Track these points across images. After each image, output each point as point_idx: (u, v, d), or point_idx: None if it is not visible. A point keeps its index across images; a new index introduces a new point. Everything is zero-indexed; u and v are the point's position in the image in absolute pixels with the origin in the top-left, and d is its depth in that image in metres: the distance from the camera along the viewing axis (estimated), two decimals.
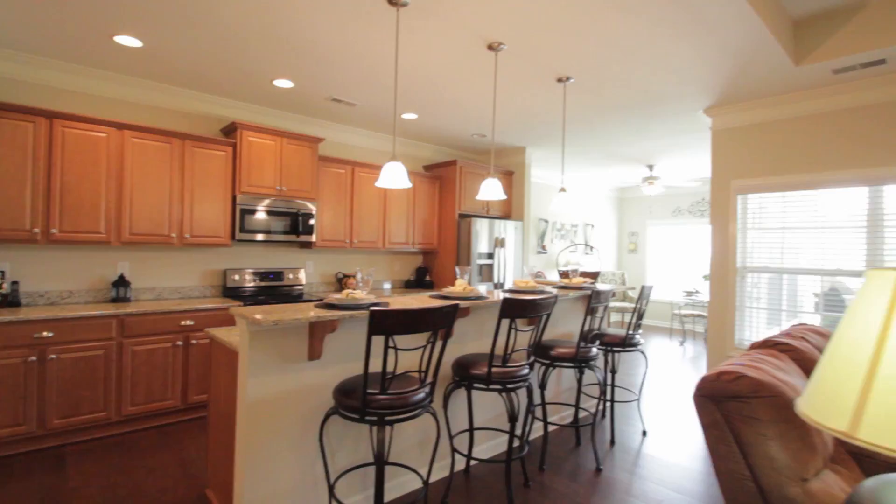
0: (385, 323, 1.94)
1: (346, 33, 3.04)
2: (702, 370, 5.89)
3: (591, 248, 8.55)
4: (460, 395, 3.06)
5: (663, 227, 9.09)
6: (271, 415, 2.21)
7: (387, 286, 5.67)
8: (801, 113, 3.96)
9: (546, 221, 7.88)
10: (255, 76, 3.82)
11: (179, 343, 3.67)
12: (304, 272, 4.98)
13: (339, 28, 2.97)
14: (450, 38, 3.07)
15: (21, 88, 3.55)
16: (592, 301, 3.05)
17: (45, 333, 3.14)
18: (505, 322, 3.35)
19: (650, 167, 6.89)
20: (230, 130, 4.31)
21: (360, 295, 2.41)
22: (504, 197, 3.25)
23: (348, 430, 2.49)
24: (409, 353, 2.70)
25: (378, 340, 2.56)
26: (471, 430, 2.97)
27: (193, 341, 3.73)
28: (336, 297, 2.39)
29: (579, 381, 3.33)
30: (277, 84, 3.98)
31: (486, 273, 5.64)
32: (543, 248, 7.71)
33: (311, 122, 5.02)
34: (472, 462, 3.12)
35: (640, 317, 3.55)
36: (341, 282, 5.21)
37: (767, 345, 2.29)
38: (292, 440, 2.28)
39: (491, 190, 3.22)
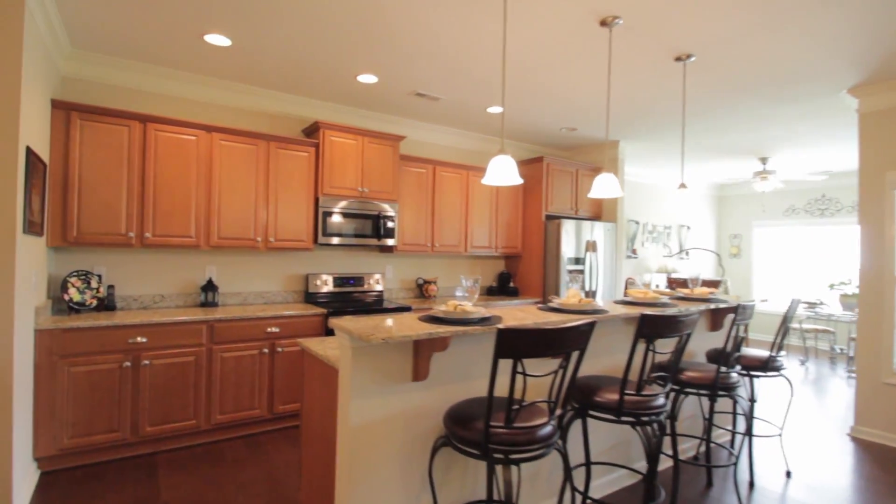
0: (516, 344, 1.59)
1: (439, 18, 2.75)
2: (836, 395, 5.06)
3: (687, 252, 7.81)
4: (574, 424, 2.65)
5: (773, 229, 8.11)
6: (374, 441, 1.93)
7: (465, 293, 5.34)
8: None
9: (637, 223, 7.24)
10: (340, 72, 3.64)
11: (266, 351, 3.54)
12: (384, 277, 4.76)
13: (430, 14, 2.68)
14: (559, 12, 2.69)
15: (114, 93, 3.58)
16: (738, 317, 2.53)
17: (138, 339, 3.09)
18: (632, 341, 2.90)
19: (763, 160, 6.09)
20: (312, 130, 4.17)
21: (470, 307, 2.09)
22: (621, 194, 2.81)
23: (456, 459, 2.17)
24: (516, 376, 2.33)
25: (502, 364, 2.22)
26: (587, 464, 2.55)
27: (279, 349, 3.59)
28: (442, 310, 2.08)
29: (711, 410, 2.82)
30: (361, 79, 3.78)
31: (576, 280, 5.16)
32: (634, 252, 7.08)
33: (390, 120, 4.82)
34: (589, 501, 2.69)
35: (786, 335, 2.97)
36: (421, 288, 4.95)
37: None
38: (397, 469, 1.99)
39: (606, 186, 2.80)
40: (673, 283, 6.70)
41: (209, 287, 3.77)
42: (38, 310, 2.81)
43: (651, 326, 2.04)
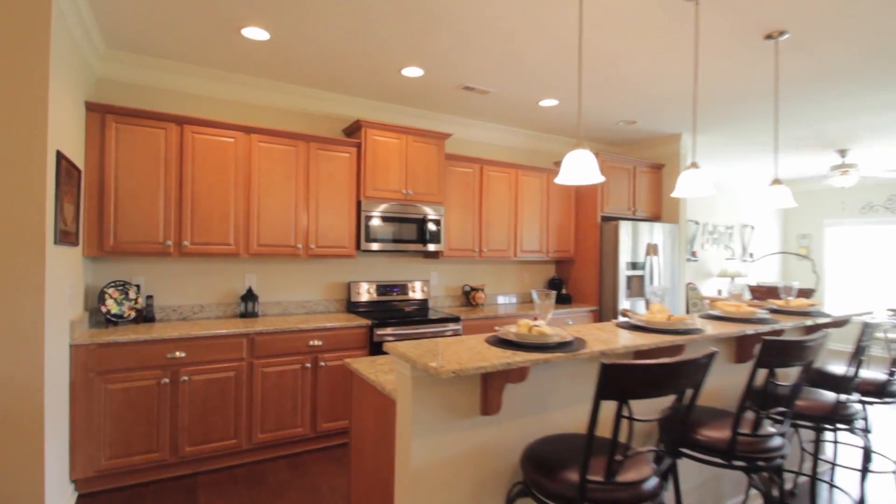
0: (624, 382, 1.27)
1: (491, 2, 2.45)
2: None
3: (752, 254, 7.21)
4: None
5: (847, 228, 7.40)
6: (439, 485, 1.64)
7: (511, 300, 5.01)
8: None
9: (696, 223, 6.72)
10: (383, 65, 3.38)
11: (308, 365, 3.32)
12: (429, 285, 4.48)
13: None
14: None
15: (150, 95, 3.44)
16: (864, 337, 2.11)
17: (177, 353, 2.91)
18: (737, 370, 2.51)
19: (842, 152, 5.49)
20: (353, 130, 3.94)
21: (546, 329, 1.77)
22: (712, 192, 2.42)
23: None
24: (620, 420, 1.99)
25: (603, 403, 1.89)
26: None
27: (322, 363, 3.36)
28: (514, 332, 1.77)
29: (818, 443, 2.40)
30: (406, 73, 3.51)
31: (636, 286, 4.75)
32: (693, 254, 6.57)
33: (433, 117, 4.54)
34: None
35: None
36: (468, 295, 4.65)
37: None
38: None
39: (694, 184, 2.41)
40: (756, 292, 6.14)
41: (249, 296, 3.58)
42: (74, 323, 2.66)
43: (773, 353, 1.67)
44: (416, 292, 4.34)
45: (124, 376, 2.78)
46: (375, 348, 3.53)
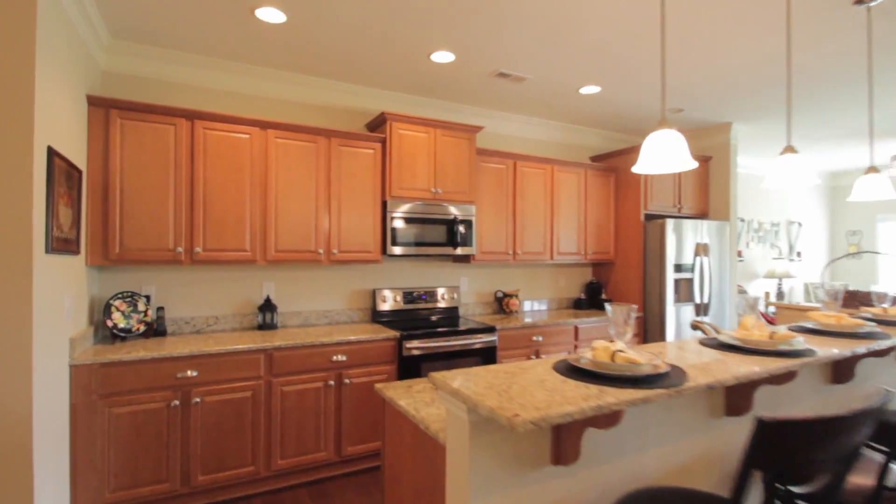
0: (791, 446, 0.90)
1: None
2: None
3: (799, 253, 6.70)
4: None
5: None
6: None
7: (542, 306, 4.64)
8: None
9: (742, 221, 6.24)
10: (411, 50, 3.05)
11: (331, 383, 3.00)
12: (458, 291, 4.13)
13: None
14: None
15: (159, 88, 3.17)
16: None
17: (188, 372, 2.62)
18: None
19: None
20: (378, 124, 3.62)
21: (634, 355, 1.40)
22: (816, 181, 2.03)
23: None
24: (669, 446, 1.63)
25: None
26: None
27: (347, 380, 3.04)
28: (590, 358, 1.41)
29: None
30: (435, 58, 3.18)
31: (684, 290, 4.33)
32: (739, 254, 6.10)
33: (462, 110, 4.20)
34: None
35: None
36: (501, 302, 4.29)
37: None
38: None
39: (790, 172, 2.01)
40: (856, 301, 5.62)
41: (267, 306, 3.29)
42: (75, 341, 2.39)
43: None
44: (446, 299, 4.00)
45: (130, 398, 2.50)
46: (405, 363, 3.21)
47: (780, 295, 6.30)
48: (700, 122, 4.68)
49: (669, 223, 4.26)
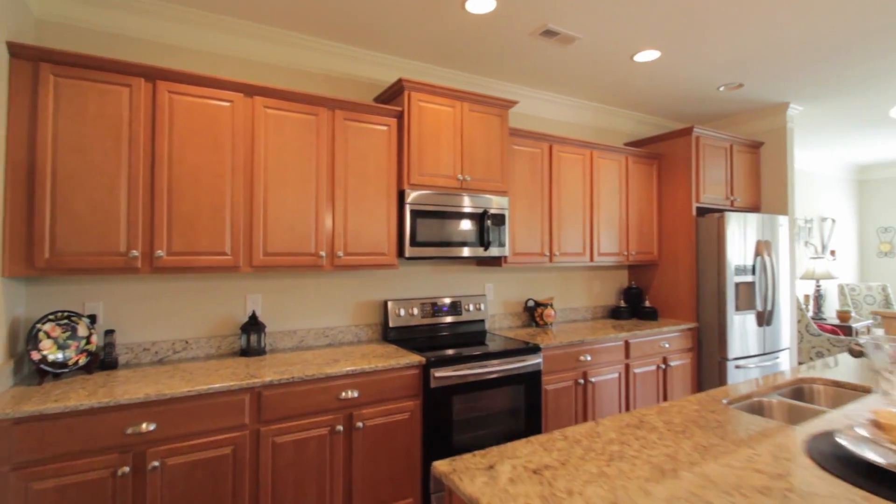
0: None
1: None
2: None
3: (833, 252, 6.18)
4: None
5: None
6: None
7: (575, 315, 3.98)
8: None
9: None
10: None
11: (339, 428, 2.28)
12: (485, 300, 3.44)
13: None
14: None
15: (113, 44, 2.43)
16: None
17: (144, 426, 1.88)
18: None
19: None
20: (392, 95, 2.92)
21: None
22: None
23: None
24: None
25: None
26: None
27: (359, 423, 2.33)
28: (890, 445, 0.74)
29: None
30: (471, 7, 2.49)
31: (745, 296, 3.72)
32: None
33: (488, 85, 3.52)
34: None
35: None
36: (533, 312, 3.62)
37: None
38: None
39: None
40: None
41: (252, 325, 2.56)
42: None
43: None
44: (470, 311, 3.31)
45: (59, 467, 1.75)
46: (432, 397, 2.51)
47: (819, 299, 5.77)
48: (756, 102, 4.07)
49: (730, 217, 3.63)
